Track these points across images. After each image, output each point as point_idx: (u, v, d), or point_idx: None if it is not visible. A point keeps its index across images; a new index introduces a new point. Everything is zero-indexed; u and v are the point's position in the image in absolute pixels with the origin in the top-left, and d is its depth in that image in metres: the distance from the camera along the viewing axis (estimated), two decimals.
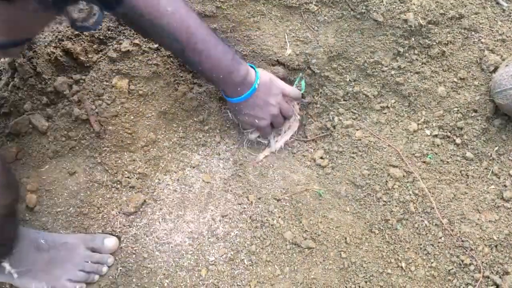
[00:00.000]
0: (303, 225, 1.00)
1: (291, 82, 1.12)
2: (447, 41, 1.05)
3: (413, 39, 1.04)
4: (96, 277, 0.93)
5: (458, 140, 1.06)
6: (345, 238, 0.99)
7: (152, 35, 0.94)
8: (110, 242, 0.96)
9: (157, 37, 0.92)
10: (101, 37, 1.05)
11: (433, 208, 1.01)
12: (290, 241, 0.99)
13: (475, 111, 1.06)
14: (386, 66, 1.06)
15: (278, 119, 1.05)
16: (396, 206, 1.01)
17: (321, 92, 1.12)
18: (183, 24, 0.88)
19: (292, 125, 1.12)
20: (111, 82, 1.04)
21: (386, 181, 1.03)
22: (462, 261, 0.96)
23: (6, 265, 0.77)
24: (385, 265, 0.97)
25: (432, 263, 0.97)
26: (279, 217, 1.01)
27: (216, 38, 0.93)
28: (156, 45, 1.05)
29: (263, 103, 1.01)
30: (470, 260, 0.96)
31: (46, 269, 0.89)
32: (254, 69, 1.00)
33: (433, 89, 1.07)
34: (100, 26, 1.04)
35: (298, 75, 1.11)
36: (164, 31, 0.86)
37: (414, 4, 1.01)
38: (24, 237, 0.88)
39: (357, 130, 1.08)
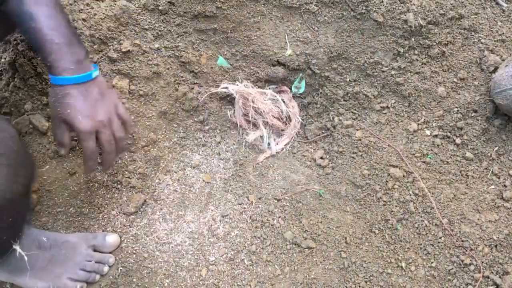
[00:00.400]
0: (303, 225, 1.00)
1: (291, 82, 1.12)
2: (447, 41, 1.05)
3: (413, 39, 1.04)
4: (97, 276, 0.93)
5: (458, 140, 1.06)
6: (345, 238, 0.99)
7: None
8: (112, 238, 0.96)
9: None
10: (102, 37, 1.05)
11: (433, 208, 1.01)
12: (290, 241, 0.99)
13: (475, 111, 1.06)
14: (386, 66, 1.06)
15: (104, 132, 0.81)
16: (396, 206, 1.02)
17: (321, 92, 1.12)
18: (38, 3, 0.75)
19: (293, 127, 1.13)
20: (112, 82, 1.04)
21: (386, 181, 1.03)
22: (462, 261, 0.97)
23: (17, 247, 0.76)
24: (385, 265, 0.97)
25: (432, 263, 0.97)
26: (279, 217, 1.01)
27: (68, 21, 0.80)
28: (157, 45, 1.05)
29: (94, 101, 0.80)
30: (470, 260, 0.97)
31: (47, 267, 0.89)
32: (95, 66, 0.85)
33: (433, 89, 1.07)
34: None
35: (298, 75, 1.11)
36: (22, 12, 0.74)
37: (414, 4, 1.02)
38: (26, 235, 0.88)
39: (357, 130, 1.09)
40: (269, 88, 1.14)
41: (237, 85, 1.07)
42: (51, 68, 0.78)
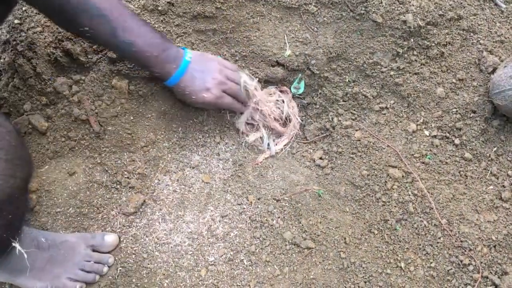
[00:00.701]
0: (302, 225, 1.00)
1: (290, 83, 1.12)
2: (446, 42, 1.06)
3: (412, 40, 1.04)
4: (97, 277, 0.93)
5: (457, 141, 1.06)
6: (345, 238, 1.00)
7: (76, 19, 0.84)
8: (110, 238, 0.96)
9: (83, 19, 0.83)
10: None
11: (432, 208, 1.01)
12: (290, 241, 0.99)
13: (474, 111, 1.07)
14: (385, 67, 1.07)
15: (229, 86, 1.00)
16: (395, 206, 1.02)
17: (320, 93, 1.12)
18: (112, 4, 0.83)
19: (292, 127, 1.13)
20: (111, 82, 1.04)
21: (385, 182, 1.03)
22: (461, 261, 0.97)
23: (17, 245, 0.75)
24: (384, 265, 0.97)
25: (431, 263, 0.97)
26: (279, 217, 1.01)
27: (142, 19, 0.89)
28: None
29: (202, 73, 0.96)
30: (469, 260, 0.97)
31: (46, 267, 0.89)
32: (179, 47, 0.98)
33: (432, 90, 1.07)
34: None
35: (298, 76, 1.12)
36: (93, 10, 0.81)
37: (413, 5, 1.02)
38: (25, 235, 0.88)
39: (357, 130, 1.09)
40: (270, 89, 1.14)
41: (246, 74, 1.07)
42: (159, 77, 0.96)
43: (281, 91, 1.13)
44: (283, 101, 1.12)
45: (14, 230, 0.75)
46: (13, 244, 0.74)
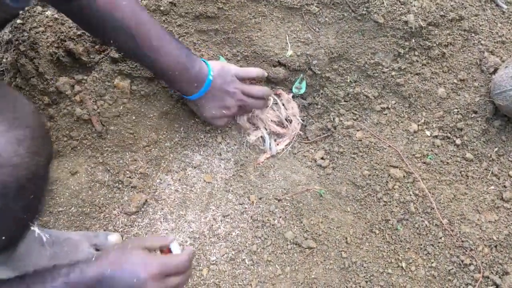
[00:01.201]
0: (304, 225, 1.01)
1: (292, 83, 1.13)
2: (447, 42, 1.06)
3: (413, 40, 1.04)
4: None
5: (458, 141, 1.06)
6: (346, 238, 1.00)
7: (103, 32, 0.86)
8: (113, 237, 0.96)
9: (108, 33, 0.85)
10: None
11: (433, 208, 1.01)
12: (291, 241, 0.99)
13: (475, 112, 1.07)
14: (387, 67, 1.07)
15: (245, 101, 1.02)
16: (396, 206, 1.02)
17: (322, 93, 1.12)
18: (138, 19, 0.83)
19: (293, 128, 1.13)
20: (113, 82, 1.04)
21: (387, 182, 1.04)
22: (462, 261, 0.97)
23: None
24: (385, 265, 0.98)
25: (432, 263, 0.98)
26: (280, 217, 1.02)
27: (169, 34, 0.90)
28: None
29: (223, 91, 0.98)
30: (470, 260, 0.97)
31: (49, 265, 0.89)
32: (203, 61, 0.98)
33: (433, 90, 1.07)
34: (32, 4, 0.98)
35: (299, 76, 1.12)
36: (118, 25, 0.81)
37: (414, 5, 1.02)
38: (28, 232, 0.88)
39: (358, 130, 1.09)
40: None
41: None
42: (180, 91, 0.98)
43: (276, 94, 1.13)
44: (282, 104, 1.12)
45: (34, 212, 0.74)
46: (32, 228, 0.74)
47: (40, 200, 0.77)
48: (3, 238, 0.64)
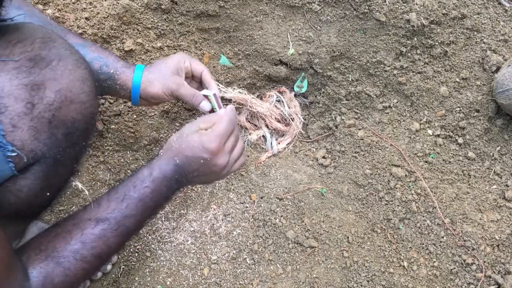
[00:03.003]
0: (305, 224, 1.00)
1: (293, 82, 1.12)
2: (450, 41, 1.05)
3: (415, 39, 1.04)
4: (99, 274, 0.93)
5: (460, 140, 1.06)
6: (348, 237, 1.00)
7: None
8: None
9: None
10: (104, 36, 1.05)
11: (435, 207, 1.01)
12: (293, 240, 0.99)
13: (477, 111, 1.06)
14: (389, 66, 1.06)
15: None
16: (398, 205, 1.02)
17: (323, 92, 1.12)
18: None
19: (295, 126, 1.13)
20: None
21: (388, 181, 1.03)
22: (464, 260, 0.97)
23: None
24: (387, 264, 0.97)
25: (434, 262, 0.97)
26: (282, 216, 1.01)
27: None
28: (159, 44, 1.05)
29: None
30: (472, 260, 0.97)
31: None
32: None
33: (436, 89, 1.07)
34: None
35: (301, 74, 1.12)
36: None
37: (416, 4, 1.02)
38: (31, 225, 0.88)
39: (360, 129, 1.09)
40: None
41: (231, 91, 1.05)
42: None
43: (279, 92, 1.13)
44: (283, 102, 1.12)
45: (79, 165, 0.74)
46: (74, 183, 0.74)
47: (85, 153, 0.77)
48: (48, 194, 0.66)
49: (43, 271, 0.62)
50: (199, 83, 0.89)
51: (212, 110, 0.85)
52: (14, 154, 0.58)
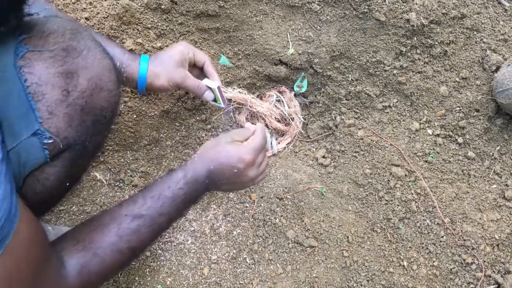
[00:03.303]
0: (305, 224, 1.00)
1: (293, 81, 1.12)
2: (449, 40, 1.05)
3: (415, 38, 1.04)
4: None
5: (460, 140, 1.06)
6: (347, 237, 1.00)
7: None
8: None
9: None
10: (104, 36, 1.05)
11: (435, 207, 1.01)
12: (292, 239, 0.99)
13: (477, 110, 1.06)
14: (389, 66, 1.06)
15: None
16: (398, 205, 1.02)
17: (323, 92, 1.12)
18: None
19: (295, 126, 1.13)
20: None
21: (388, 180, 1.03)
22: (464, 260, 0.97)
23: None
24: (387, 264, 0.97)
25: (434, 262, 0.97)
26: (281, 216, 1.01)
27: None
28: (159, 44, 1.05)
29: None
30: (472, 259, 0.97)
31: None
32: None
33: (435, 88, 1.07)
34: None
35: (301, 74, 1.12)
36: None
37: (416, 3, 1.02)
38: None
39: (359, 129, 1.09)
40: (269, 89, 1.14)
41: (231, 91, 1.06)
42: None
43: (279, 91, 1.13)
44: (283, 102, 1.12)
45: (99, 153, 0.79)
46: (93, 173, 0.81)
47: (104, 144, 0.82)
48: (67, 184, 0.68)
49: (80, 260, 0.65)
50: (200, 70, 0.94)
51: (215, 100, 0.92)
52: (50, 141, 0.60)
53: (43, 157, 0.61)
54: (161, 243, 0.98)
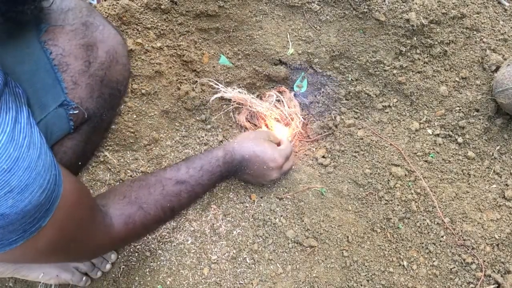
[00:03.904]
0: (305, 223, 1.00)
1: (293, 81, 1.13)
2: (449, 40, 1.05)
3: (415, 38, 1.04)
4: (99, 273, 0.93)
5: (460, 139, 1.06)
6: (347, 237, 1.00)
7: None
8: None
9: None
10: None
11: (435, 207, 1.01)
12: (292, 239, 0.99)
13: (477, 110, 1.06)
14: (388, 66, 1.06)
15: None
16: (398, 205, 1.02)
17: (323, 91, 1.12)
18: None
19: (294, 126, 1.13)
20: None
21: (388, 180, 1.03)
22: (464, 259, 0.97)
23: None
24: (387, 264, 0.97)
25: (434, 261, 0.97)
26: (281, 215, 1.01)
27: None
28: (159, 44, 1.05)
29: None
30: (472, 259, 0.97)
31: None
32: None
33: (435, 88, 1.07)
34: None
35: (300, 74, 1.12)
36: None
37: (416, 3, 1.02)
38: None
39: (359, 129, 1.09)
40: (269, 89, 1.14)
41: (231, 91, 1.06)
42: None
43: (279, 91, 1.13)
44: (283, 101, 1.12)
45: (108, 133, 0.83)
46: (104, 153, 0.86)
47: (113, 122, 0.89)
48: (80, 164, 0.74)
49: (126, 212, 0.73)
50: None
51: None
52: (76, 111, 0.63)
53: (67, 128, 0.64)
54: (161, 243, 0.98)
